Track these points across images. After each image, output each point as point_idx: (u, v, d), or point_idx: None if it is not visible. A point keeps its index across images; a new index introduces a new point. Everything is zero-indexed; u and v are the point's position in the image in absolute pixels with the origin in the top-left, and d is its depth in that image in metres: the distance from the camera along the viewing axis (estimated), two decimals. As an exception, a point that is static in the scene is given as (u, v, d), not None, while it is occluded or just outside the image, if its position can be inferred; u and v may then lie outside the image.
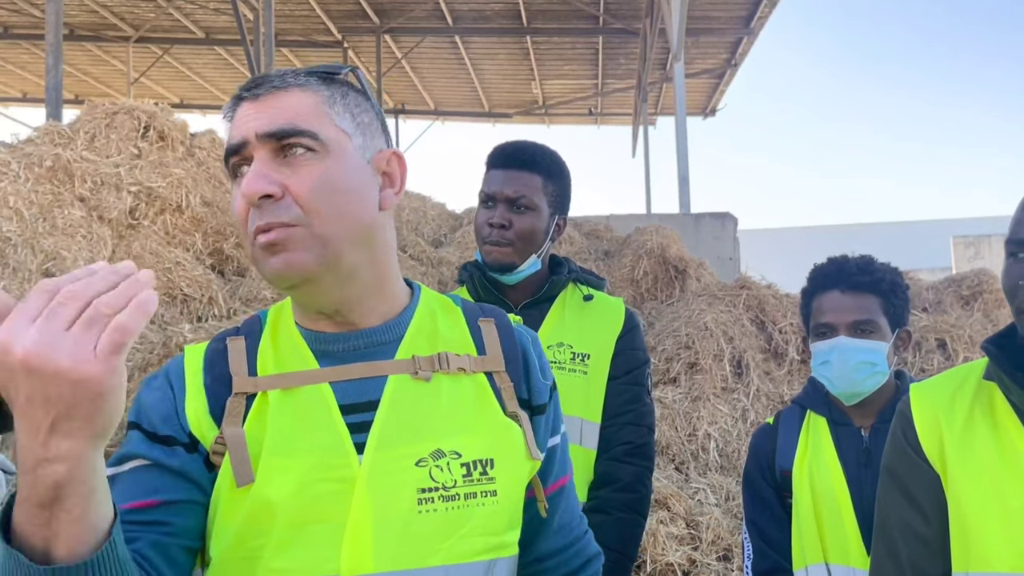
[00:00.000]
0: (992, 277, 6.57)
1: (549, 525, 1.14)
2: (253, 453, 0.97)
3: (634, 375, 1.92)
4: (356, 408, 1.00)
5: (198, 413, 1.00)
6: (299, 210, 0.96)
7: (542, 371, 1.14)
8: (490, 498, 1.00)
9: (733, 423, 4.99)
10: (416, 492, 0.96)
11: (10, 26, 14.44)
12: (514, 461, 1.03)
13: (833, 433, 1.86)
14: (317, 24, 14.28)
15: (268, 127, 0.97)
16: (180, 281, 5.30)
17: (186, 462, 0.99)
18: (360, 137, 1.03)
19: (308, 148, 0.98)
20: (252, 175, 0.96)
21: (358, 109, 1.04)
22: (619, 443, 1.87)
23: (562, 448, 1.17)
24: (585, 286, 1.99)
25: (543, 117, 18.96)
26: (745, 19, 13.28)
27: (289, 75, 1.02)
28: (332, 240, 0.97)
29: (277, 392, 1.01)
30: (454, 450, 0.99)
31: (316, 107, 1.00)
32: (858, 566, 1.73)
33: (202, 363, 1.04)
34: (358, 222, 1.00)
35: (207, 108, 18.70)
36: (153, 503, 0.97)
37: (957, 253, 20.55)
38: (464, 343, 1.09)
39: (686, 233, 7.97)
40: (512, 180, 1.87)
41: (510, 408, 1.06)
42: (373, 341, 1.04)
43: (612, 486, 1.85)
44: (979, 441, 1.20)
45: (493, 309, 1.16)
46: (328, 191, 0.97)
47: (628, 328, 1.94)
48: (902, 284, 1.88)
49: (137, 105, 5.92)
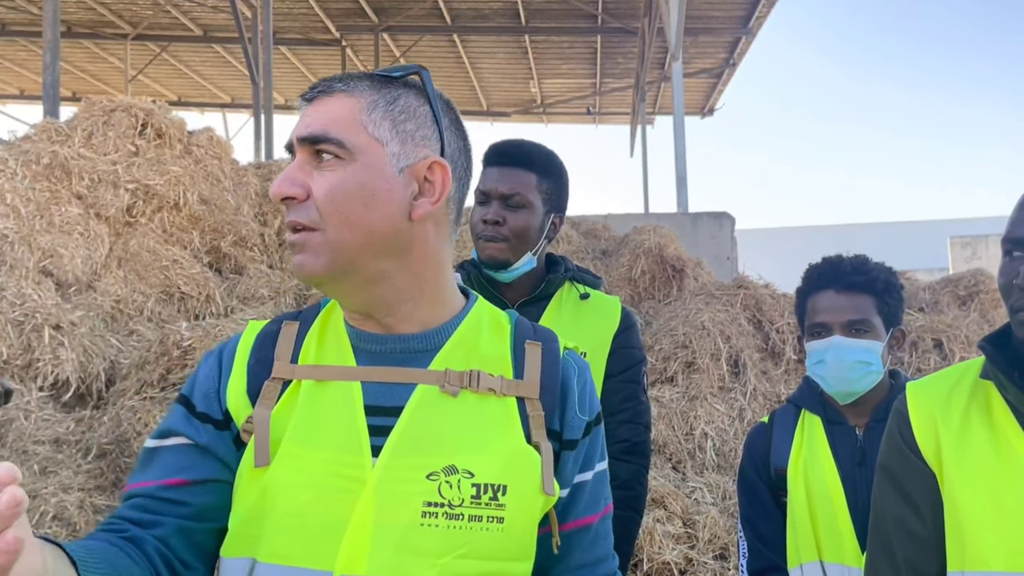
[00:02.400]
0: (989, 277, 6.57)
1: (567, 562, 1.10)
2: (275, 438, 0.99)
3: (630, 373, 1.93)
4: (381, 411, 1.01)
5: (237, 391, 1.04)
6: (317, 214, 0.98)
7: (581, 405, 1.09)
8: (495, 524, 0.98)
9: (730, 422, 5.00)
10: (422, 504, 0.96)
11: (7, 23, 14.42)
12: (527, 491, 1.01)
13: (828, 432, 1.87)
14: (315, 22, 14.27)
15: (304, 132, 1.00)
16: (177, 279, 5.30)
17: (213, 439, 1.03)
18: (398, 145, 1.02)
19: (335, 155, 0.99)
20: (281, 176, 1.00)
21: (404, 116, 1.03)
22: (616, 441, 1.87)
23: (594, 485, 1.12)
24: (582, 285, 1.99)
25: (541, 116, 18.97)
26: (743, 19, 13.29)
27: (342, 79, 1.03)
28: (344, 248, 0.99)
29: (311, 382, 1.03)
30: (467, 469, 0.98)
31: (353, 114, 1.01)
32: (852, 564, 1.73)
33: (253, 343, 1.08)
34: (373, 231, 0.99)
35: (205, 106, 18.69)
36: (181, 482, 1.01)
37: (954, 253, 20.59)
38: (502, 364, 1.07)
39: (684, 232, 7.97)
40: (506, 177, 1.88)
41: (535, 438, 1.04)
42: (411, 348, 1.05)
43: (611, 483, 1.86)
44: (975, 440, 1.21)
45: (545, 332, 1.14)
46: (342, 198, 0.98)
47: (625, 327, 1.95)
48: (896, 284, 1.89)
49: (135, 103, 5.91)
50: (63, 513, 3.34)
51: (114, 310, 4.98)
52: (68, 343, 4.32)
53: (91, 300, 4.93)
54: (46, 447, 3.80)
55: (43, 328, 4.31)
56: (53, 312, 4.42)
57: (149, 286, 5.21)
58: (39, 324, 4.33)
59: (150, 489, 1.02)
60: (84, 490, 3.54)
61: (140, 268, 5.28)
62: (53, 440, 3.87)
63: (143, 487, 1.03)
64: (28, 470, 3.61)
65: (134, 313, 5.04)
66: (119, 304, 5.02)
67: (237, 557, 0.99)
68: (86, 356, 4.38)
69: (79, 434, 3.97)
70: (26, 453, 3.72)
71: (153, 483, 1.02)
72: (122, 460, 3.80)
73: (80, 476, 3.63)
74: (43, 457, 3.71)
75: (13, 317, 4.31)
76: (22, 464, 3.63)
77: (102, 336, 4.62)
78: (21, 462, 3.65)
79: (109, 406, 4.16)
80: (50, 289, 4.72)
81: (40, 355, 4.24)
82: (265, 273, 5.71)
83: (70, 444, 3.89)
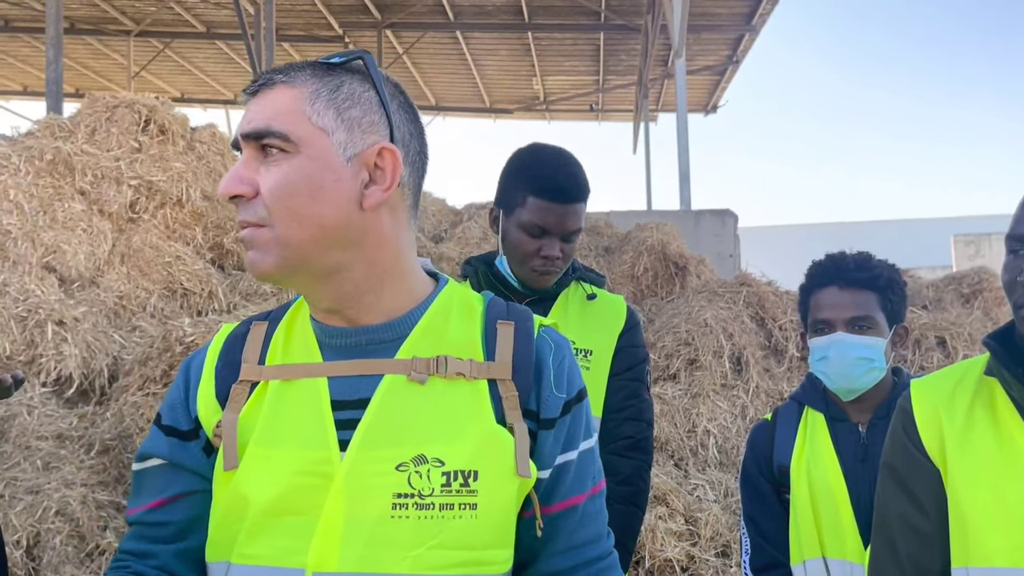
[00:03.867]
0: (992, 275, 6.56)
1: (554, 544, 1.06)
2: (243, 441, 0.99)
3: (634, 371, 1.97)
4: (348, 405, 0.99)
5: (206, 397, 1.04)
6: (265, 211, 0.96)
7: (557, 383, 1.06)
8: (468, 511, 0.96)
9: (732, 420, 5.00)
10: (392, 496, 0.95)
11: (11, 19, 14.42)
12: (500, 475, 0.98)
13: (830, 429, 1.87)
14: (318, 19, 14.25)
15: (246, 128, 0.98)
16: (180, 275, 5.30)
17: (179, 451, 1.04)
18: (344, 133, 0.98)
19: (280, 148, 0.97)
20: (228, 175, 0.98)
21: (348, 103, 0.99)
22: (619, 438, 1.91)
23: (579, 465, 1.08)
24: (588, 284, 2.02)
25: (544, 113, 18.94)
26: (747, 16, 13.25)
27: (281, 71, 1.01)
28: (293, 243, 0.96)
29: (278, 382, 1.02)
30: (437, 457, 0.96)
31: (295, 105, 0.97)
32: (855, 560, 1.74)
33: (221, 347, 1.07)
34: (323, 224, 0.96)
35: (208, 103, 18.67)
36: (160, 502, 1.02)
37: (958, 251, 20.55)
38: (472, 347, 1.04)
39: (686, 230, 7.96)
40: (571, 216, 1.87)
41: (509, 419, 1.01)
42: (376, 339, 1.02)
43: (611, 479, 1.87)
44: (979, 437, 1.21)
45: (519, 312, 1.11)
46: (287, 193, 0.96)
47: (629, 326, 1.99)
48: (899, 281, 1.89)
49: (138, 99, 5.91)
50: (66, 508, 3.34)
51: (117, 306, 4.99)
52: (71, 339, 4.33)
53: (94, 296, 4.93)
54: (49, 443, 3.80)
55: (46, 324, 4.31)
56: (56, 308, 4.42)
57: (152, 282, 5.21)
58: (42, 320, 4.33)
59: (140, 515, 1.04)
60: (87, 486, 3.54)
61: (143, 264, 5.28)
62: (56, 436, 3.87)
63: (136, 513, 1.05)
64: (31, 465, 3.61)
65: (137, 309, 5.04)
66: (122, 300, 5.03)
67: (216, 562, 1.00)
68: (89, 352, 4.39)
69: (82, 430, 3.98)
70: (29, 448, 3.73)
71: (142, 508, 1.04)
72: (125, 456, 3.81)
73: (83, 472, 3.64)
74: (46, 453, 3.71)
75: (16, 313, 4.31)
76: (25, 459, 3.64)
77: (105, 332, 4.63)
78: (24, 457, 3.66)
79: (112, 402, 4.17)
80: (53, 285, 4.72)
81: (43, 351, 4.25)
82: (268, 270, 5.71)
83: (73, 440, 3.90)
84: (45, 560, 3.18)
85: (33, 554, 3.21)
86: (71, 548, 3.26)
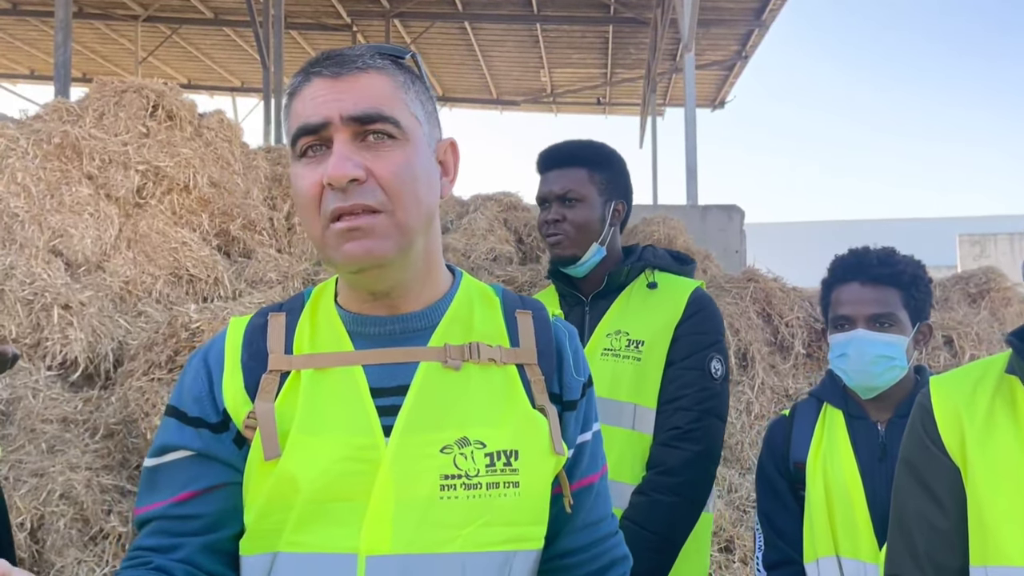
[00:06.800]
0: (999, 275, 6.53)
1: (573, 522, 1.12)
2: (282, 429, 0.98)
3: (693, 360, 1.91)
4: (386, 392, 1.01)
5: (234, 389, 1.03)
6: (384, 196, 0.97)
7: (575, 367, 1.12)
8: (512, 489, 0.99)
9: (737, 415, 4.99)
10: (439, 478, 0.97)
11: (19, 3, 14.40)
12: (538, 454, 1.03)
13: (849, 426, 1.84)
14: (327, 7, 14.22)
15: (353, 110, 0.97)
16: (186, 261, 5.29)
17: (212, 443, 1.02)
18: (427, 125, 1.04)
19: (390, 135, 0.98)
20: (339, 158, 0.96)
21: (424, 96, 1.05)
22: (667, 428, 1.88)
23: (593, 445, 1.15)
24: (653, 272, 2.02)
25: (551, 105, 18.90)
26: (757, 11, 13.21)
27: (366, 55, 1.01)
28: (409, 228, 0.99)
29: (310, 371, 1.02)
30: (479, 439, 0.99)
31: (395, 92, 1.00)
32: (869, 560, 1.72)
33: (242, 339, 1.07)
34: (428, 211, 1.02)
35: (215, 89, 18.66)
36: (191, 495, 1.01)
37: (963, 251, 20.51)
38: (498, 334, 1.08)
39: (692, 225, 7.93)
40: (558, 178, 1.99)
41: (539, 401, 1.05)
42: (409, 327, 1.05)
43: (655, 469, 1.87)
44: (1000, 435, 1.20)
45: (533, 302, 1.16)
46: (409, 178, 0.98)
47: (691, 313, 1.94)
48: (924, 277, 1.85)
49: (146, 84, 5.89)
50: (70, 492, 3.34)
51: (123, 291, 4.98)
52: (77, 323, 4.32)
53: (100, 280, 4.93)
54: (54, 426, 3.80)
55: (52, 307, 4.31)
56: (62, 292, 4.42)
57: (158, 268, 5.20)
58: (48, 303, 4.32)
59: (162, 510, 1.02)
60: (91, 469, 3.54)
61: (149, 249, 5.27)
62: (61, 419, 3.87)
63: (155, 509, 1.02)
64: (36, 448, 3.61)
65: (143, 294, 5.04)
66: (128, 285, 5.02)
67: (257, 554, 0.99)
68: (95, 336, 4.38)
69: (87, 414, 3.98)
70: (34, 431, 3.73)
71: (164, 503, 1.02)
72: (129, 440, 3.81)
73: (88, 455, 3.63)
74: (51, 436, 3.71)
75: (23, 296, 4.31)
76: (29, 442, 3.64)
77: (111, 317, 4.62)
78: (29, 440, 3.66)
79: (117, 386, 4.16)
80: (59, 269, 4.71)
81: (49, 334, 4.24)
82: (273, 257, 5.69)
83: (78, 423, 3.90)
84: (49, 543, 3.18)
85: (37, 536, 3.22)
86: (75, 531, 3.26)
